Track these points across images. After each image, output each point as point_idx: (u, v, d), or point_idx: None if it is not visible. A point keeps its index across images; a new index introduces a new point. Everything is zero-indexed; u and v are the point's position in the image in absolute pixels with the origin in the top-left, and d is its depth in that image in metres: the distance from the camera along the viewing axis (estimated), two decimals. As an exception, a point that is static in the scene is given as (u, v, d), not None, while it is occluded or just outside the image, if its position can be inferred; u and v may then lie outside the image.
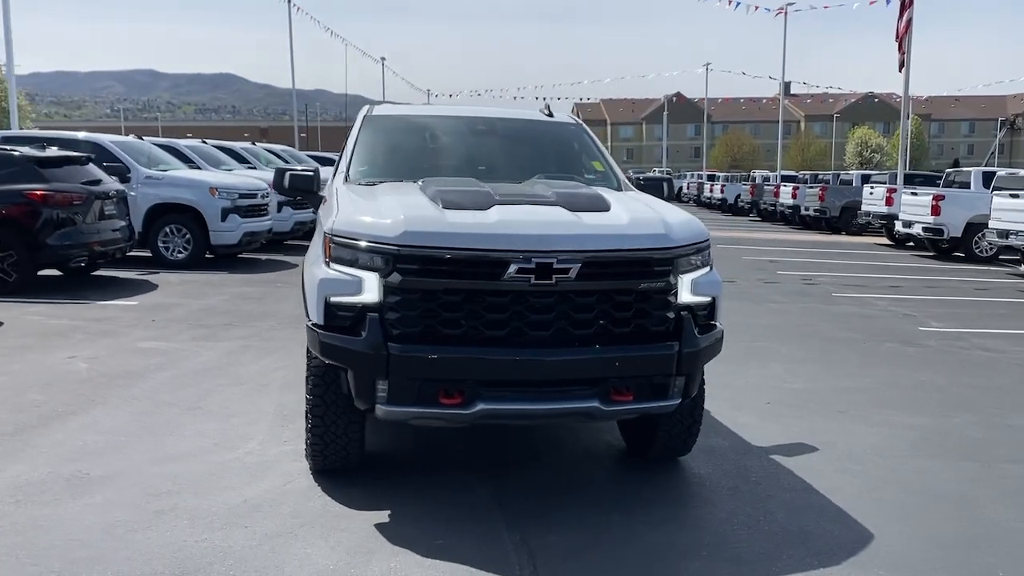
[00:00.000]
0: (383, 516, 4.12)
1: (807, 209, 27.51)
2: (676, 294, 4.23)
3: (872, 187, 23.12)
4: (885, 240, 22.68)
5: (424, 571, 3.58)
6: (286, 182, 5.37)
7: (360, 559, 3.66)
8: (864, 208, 22.94)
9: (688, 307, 4.28)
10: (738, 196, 37.41)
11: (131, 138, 15.15)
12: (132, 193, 12.44)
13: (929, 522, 4.25)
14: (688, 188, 47.84)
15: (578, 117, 6.39)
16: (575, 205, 4.37)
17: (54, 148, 11.70)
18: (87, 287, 10.92)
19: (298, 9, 38.42)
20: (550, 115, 6.15)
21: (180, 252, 13.06)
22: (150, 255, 13.04)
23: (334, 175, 5.39)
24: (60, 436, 5.16)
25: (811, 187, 28.27)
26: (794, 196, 28.77)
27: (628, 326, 4.14)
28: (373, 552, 3.73)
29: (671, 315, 4.22)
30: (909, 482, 4.80)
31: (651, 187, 5.73)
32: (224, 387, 6.33)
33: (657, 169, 69.80)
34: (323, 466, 4.53)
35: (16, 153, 10.59)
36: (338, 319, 4.03)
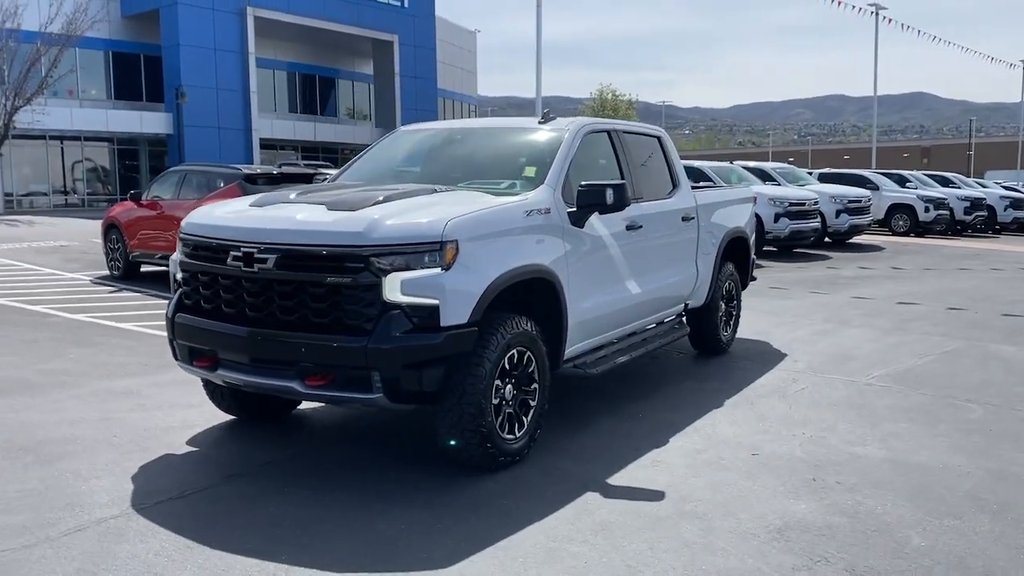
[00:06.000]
0: (185, 451, 5.19)
1: None
2: (378, 291, 4.29)
3: None
4: None
5: (123, 488, 4.53)
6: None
7: (110, 471, 4.77)
8: None
9: (398, 306, 4.28)
10: None
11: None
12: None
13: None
14: None
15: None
16: (340, 205, 4.71)
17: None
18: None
19: (889, 20, 36.36)
20: (544, 122, 6.04)
21: None
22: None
23: (327, 182, 6.43)
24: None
25: None
26: None
27: (325, 316, 4.39)
28: (127, 472, 4.77)
29: (371, 311, 4.30)
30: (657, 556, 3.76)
31: (589, 193, 5.30)
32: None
33: None
34: (222, 410, 5.66)
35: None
36: (173, 291, 5.20)
